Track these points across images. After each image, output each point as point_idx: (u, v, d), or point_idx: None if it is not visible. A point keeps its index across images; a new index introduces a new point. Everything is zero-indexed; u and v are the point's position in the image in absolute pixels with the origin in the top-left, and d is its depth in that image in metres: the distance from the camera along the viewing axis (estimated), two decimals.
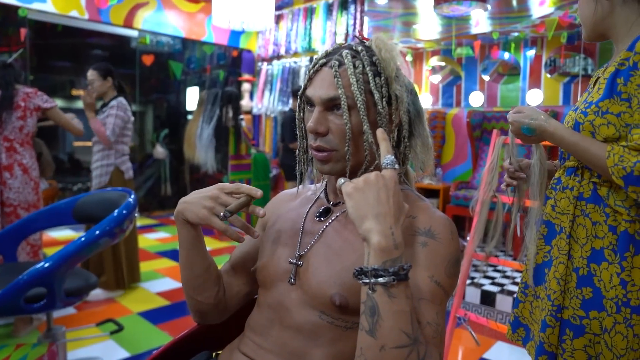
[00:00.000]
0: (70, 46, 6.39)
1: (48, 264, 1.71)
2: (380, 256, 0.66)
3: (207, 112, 4.54)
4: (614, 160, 0.97)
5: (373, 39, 0.88)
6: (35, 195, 2.60)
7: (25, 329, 2.45)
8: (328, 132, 0.84)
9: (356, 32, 0.94)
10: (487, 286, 2.84)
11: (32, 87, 2.66)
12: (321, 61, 0.86)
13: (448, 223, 0.83)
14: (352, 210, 0.69)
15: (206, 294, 0.97)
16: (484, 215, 2.05)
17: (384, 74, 0.84)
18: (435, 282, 0.76)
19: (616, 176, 0.96)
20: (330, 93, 0.82)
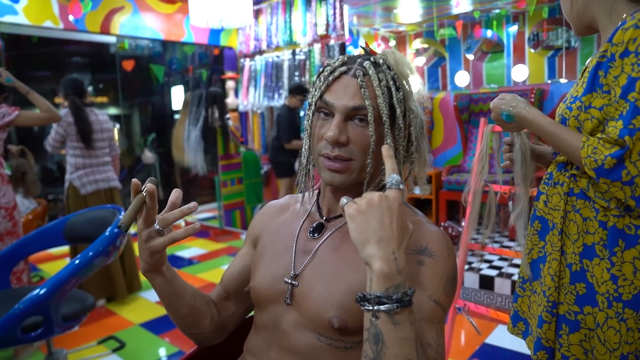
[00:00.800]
0: (48, 56, 6.29)
1: (43, 291, 1.69)
2: (383, 282, 0.64)
3: (193, 114, 4.50)
4: (587, 151, 0.97)
5: (389, 55, 0.85)
6: (9, 221, 2.49)
7: (27, 351, 2.43)
8: (348, 142, 0.81)
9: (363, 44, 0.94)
10: (485, 270, 2.86)
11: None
12: (341, 69, 0.83)
13: (444, 239, 0.82)
14: (355, 233, 0.66)
15: (200, 326, 0.96)
16: (477, 205, 2.05)
17: (402, 89, 0.84)
18: (434, 301, 0.76)
19: (588, 167, 0.96)
20: (357, 102, 0.80)
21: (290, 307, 0.86)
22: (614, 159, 0.93)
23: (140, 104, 7.04)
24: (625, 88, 0.94)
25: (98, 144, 3.04)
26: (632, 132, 0.92)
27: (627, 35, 0.94)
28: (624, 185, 0.94)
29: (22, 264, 2.53)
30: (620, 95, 0.95)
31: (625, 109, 0.94)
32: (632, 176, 0.93)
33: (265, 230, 0.99)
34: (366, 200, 0.67)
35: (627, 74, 0.94)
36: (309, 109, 0.87)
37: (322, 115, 0.84)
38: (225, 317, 1.00)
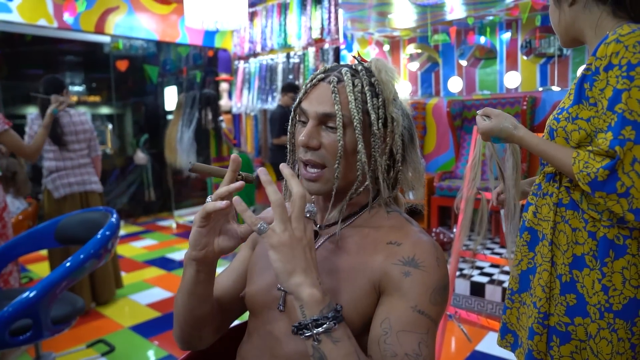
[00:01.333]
0: (41, 54, 6.24)
1: (33, 294, 1.67)
2: (316, 306, 0.68)
3: (186, 116, 4.48)
4: (579, 166, 0.97)
5: (373, 61, 0.87)
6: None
7: (13, 354, 2.40)
8: (320, 147, 0.82)
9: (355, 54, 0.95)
10: (477, 277, 2.87)
11: None
12: (319, 76, 0.85)
13: (434, 250, 0.81)
14: (280, 264, 0.69)
15: (201, 330, 0.95)
16: (469, 212, 2.06)
17: (382, 95, 0.84)
18: (419, 311, 0.75)
19: (582, 182, 0.97)
20: (327, 109, 0.81)
21: (283, 314, 0.86)
22: (606, 170, 0.94)
23: (134, 104, 7.00)
24: (611, 100, 0.96)
25: (73, 146, 2.97)
26: (622, 143, 0.93)
27: (609, 49, 0.96)
28: (620, 197, 0.93)
29: (11, 266, 2.50)
30: (608, 107, 0.96)
31: (614, 120, 0.95)
32: (626, 187, 0.93)
33: (260, 238, 0.99)
34: (289, 236, 0.69)
35: (612, 86, 0.96)
36: (293, 117, 0.89)
37: (302, 123, 0.86)
38: (220, 322, 1.00)
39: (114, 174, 6.74)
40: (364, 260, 0.82)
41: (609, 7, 1.05)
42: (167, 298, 3.19)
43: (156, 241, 4.92)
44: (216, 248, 0.81)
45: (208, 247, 0.80)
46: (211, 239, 0.81)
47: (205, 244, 0.80)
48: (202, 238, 0.80)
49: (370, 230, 0.86)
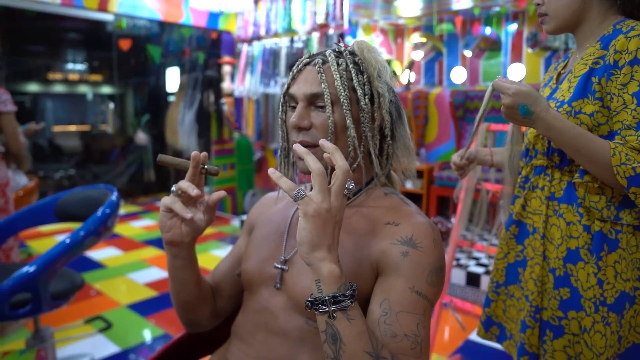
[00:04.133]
0: (43, 30, 6.19)
1: (33, 269, 1.69)
2: (335, 283, 0.68)
3: (188, 97, 4.48)
4: (621, 158, 0.91)
5: (355, 43, 0.90)
6: (1, 198, 2.47)
7: (12, 328, 2.43)
8: (311, 127, 0.84)
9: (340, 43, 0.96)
10: (472, 267, 2.89)
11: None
12: (305, 61, 0.87)
13: (431, 230, 0.83)
14: (307, 233, 0.68)
15: (197, 312, 0.97)
16: (468, 202, 2.07)
17: (366, 72, 0.86)
18: (417, 292, 0.77)
19: (621, 176, 0.91)
20: (314, 89, 0.83)
21: (280, 291, 0.87)
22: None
23: (136, 84, 6.97)
24: (638, 95, 0.94)
25: None
26: None
27: (632, 44, 0.95)
28: None
29: (12, 241, 2.51)
30: (638, 103, 0.93)
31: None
32: None
33: (260, 219, 1.01)
34: (326, 209, 0.69)
35: (637, 81, 0.94)
36: (282, 103, 0.90)
37: (292, 107, 0.88)
38: (219, 307, 1.02)
39: (114, 153, 6.74)
40: (362, 240, 0.83)
41: (619, 1, 1.04)
42: (165, 278, 3.21)
43: (155, 221, 4.94)
44: (183, 230, 0.85)
45: (174, 230, 0.84)
46: (177, 222, 0.84)
47: (170, 226, 0.84)
48: (167, 221, 0.84)
49: (369, 211, 0.87)
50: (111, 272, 3.40)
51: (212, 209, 0.84)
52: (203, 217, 0.85)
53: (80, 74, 7.26)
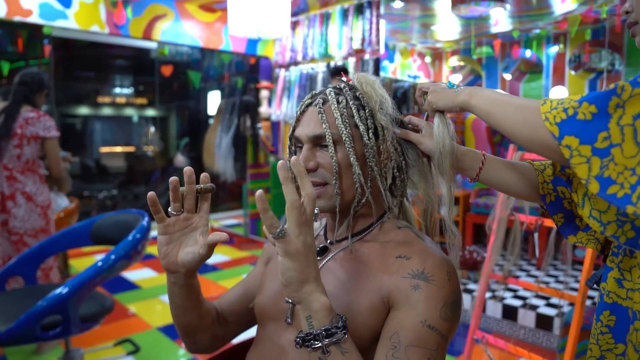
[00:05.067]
0: (93, 58, 6.56)
1: (66, 290, 1.74)
2: (327, 316, 0.68)
3: (226, 122, 4.57)
4: (552, 104, 0.69)
5: (355, 77, 0.90)
6: (43, 219, 2.58)
7: (48, 346, 2.50)
8: (318, 167, 0.84)
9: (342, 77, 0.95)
10: (509, 300, 2.77)
11: (38, 111, 2.52)
12: (307, 102, 0.88)
13: (444, 264, 0.80)
14: (295, 273, 0.67)
15: (196, 338, 0.97)
16: (501, 233, 2.00)
17: (367, 106, 0.86)
18: (429, 326, 0.74)
19: (551, 122, 0.67)
20: (316, 130, 0.84)
21: (291, 326, 0.86)
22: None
23: (177, 108, 7.21)
24: None
25: None
26: None
27: None
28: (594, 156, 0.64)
29: (51, 261, 2.61)
30: None
31: None
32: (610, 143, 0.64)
33: (274, 252, 1.01)
34: (302, 243, 0.67)
35: None
36: (290, 145, 0.91)
37: (299, 149, 0.88)
38: (223, 333, 1.01)
39: (154, 175, 6.95)
40: (374, 274, 0.82)
41: None
42: None
43: None
44: (178, 260, 0.82)
45: (169, 258, 0.82)
46: (173, 250, 0.82)
47: (165, 253, 0.82)
48: (162, 246, 0.82)
49: (380, 245, 0.86)
50: (145, 293, 3.46)
51: (211, 247, 0.81)
52: (197, 251, 0.81)
53: (126, 97, 7.60)
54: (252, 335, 1.04)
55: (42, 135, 2.51)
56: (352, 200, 0.86)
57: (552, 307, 2.63)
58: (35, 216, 2.55)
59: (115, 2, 4.24)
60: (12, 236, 2.51)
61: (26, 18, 3.86)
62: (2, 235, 2.51)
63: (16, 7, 3.80)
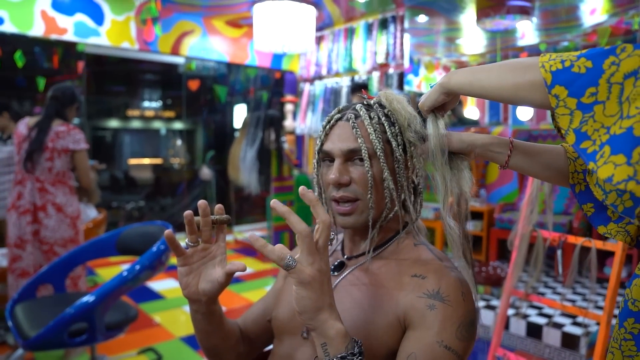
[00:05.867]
0: (123, 73, 6.77)
1: (92, 299, 1.79)
2: (342, 342, 0.67)
3: (250, 135, 4.64)
4: (550, 56, 0.68)
5: (381, 94, 0.90)
6: (72, 229, 2.65)
7: (75, 352, 2.56)
8: (350, 182, 0.85)
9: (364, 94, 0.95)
10: (534, 317, 2.71)
11: (68, 125, 2.62)
12: (336, 116, 0.89)
13: (459, 284, 0.80)
14: (310, 301, 0.67)
15: (225, 357, 0.98)
16: (524, 249, 1.97)
17: (397, 123, 0.87)
18: (445, 346, 0.74)
19: (546, 69, 0.66)
20: (351, 145, 0.84)
21: (307, 340, 0.87)
22: None
23: (203, 121, 7.36)
24: None
25: None
26: None
27: None
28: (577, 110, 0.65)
29: (80, 270, 2.69)
30: None
31: None
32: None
33: None
34: (317, 270, 0.67)
35: None
36: (317, 159, 0.91)
37: (327, 163, 0.88)
38: (248, 350, 1.03)
39: (180, 187, 7.08)
40: (389, 293, 0.82)
41: None
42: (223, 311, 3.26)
43: None
44: (199, 289, 0.83)
45: (190, 288, 0.83)
46: (193, 280, 0.83)
47: (186, 283, 0.83)
48: (183, 277, 0.83)
49: (397, 262, 0.86)
50: (170, 303, 3.51)
51: (229, 276, 0.82)
52: (217, 280, 0.82)
53: (155, 111, 7.79)
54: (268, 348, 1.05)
55: (72, 148, 2.60)
56: (380, 214, 0.87)
57: (579, 326, 2.56)
58: (65, 227, 2.63)
59: (145, 20, 4.38)
60: (42, 245, 2.59)
61: (62, 36, 4.03)
62: (34, 245, 2.60)
63: (53, 25, 3.97)
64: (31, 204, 2.57)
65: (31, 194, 2.58)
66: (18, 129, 2.69)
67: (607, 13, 4.02)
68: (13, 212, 2.60)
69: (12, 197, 2.63)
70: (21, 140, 2.62)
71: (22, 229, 2.58)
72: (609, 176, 0.60)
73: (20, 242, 2.58)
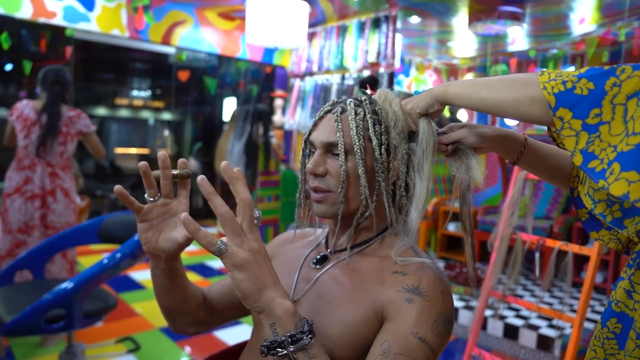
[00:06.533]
0: (113, 60, 6.69)
1: (71, 286, 1.78)
2: (291, 320, 0.67)
3: (239, 129, 4.63)
4: (550, 76, 0.69)
5: (378, 91, 0.91)
6: (74, 215, 2.71)
7: (53, 339, 2.54)
8: (326, 174, 0.86)
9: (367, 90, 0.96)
10: (511, 319, 2.75)
11: (76, 110, 2.72)
12: (326, 109, 0.90)
13: (439, 282, 0.81)
14: (249, 283, 0.65)
15: (176, 320, 0.98)
16: (503, 251, 2.00)
17: (384, 122, 0.86)
18: (420, 338, 0.75)
19: (549, 92, 0.68)
20: (330, 138, 0.85)
21: None
22: None
23: (192, 113, 7.32)
24: None
25: None
26: None
27: None
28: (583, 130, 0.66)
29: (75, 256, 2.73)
30: None
31: None
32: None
33: (275, 255, 1.03)
34: (248, 250, 0.66)
35: None
36: (303, 148, 0.93)
37: (312, 153, 0.90)
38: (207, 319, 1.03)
39: None
40: (369, 288, 0.82)
41: None
42: None
43: (198, 247, 5.06)
44: (159, 246, 0.81)
45: (150, 244, 0.81)
46: (154, 237, 0.81)
47: (146, 239, 0.81)
48: (142, 233, 0.81)
49: (379, 260, 0.87)
50: (151, 293, 3.49)
51: (190, 239, 0.80)
52: (178, 240, 0.81)
53: (143, 100, 7.72)
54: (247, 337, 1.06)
55: (85, 131, 2.72)
56: (356, 212, 0.87)
57: (554, 328, 2.61)
58: (70, 212, 2.69)
59: (136, 8, 4.34)
60: (48, 230, 2.62)
61: (50, 20, 3.98)
62: (40, 230, 2.60)
63: (41, 9, 3.91)
64: (40, 189, 2.58)
65: (41, 179, 2.59)
66: (23, 112, 2.65)
67: (596, 23, 4.08)
68: (17, 197, 2.58)
69: (15, 182, 2.61)
70: (29, 124, 2.60)
71: (28, 214, 2.59)
72: (624, 193, 0.60)
73: (26, 228, 2.59)
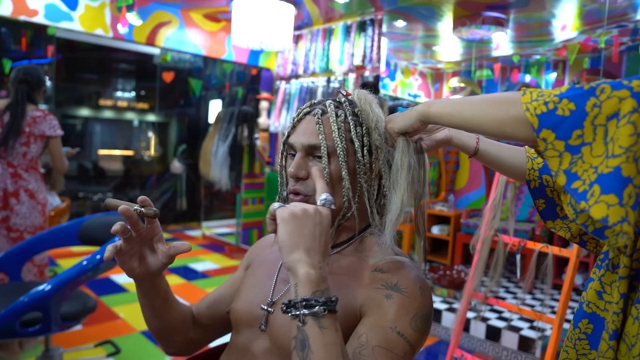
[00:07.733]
0: (96, 60, 6.61)
1: (49, 287, 1.74)
2: (309, 287, 0.67)
3: (223, 130, 4.60)
4: (532, 96, 0.70)
5: (355, 93, 0.91)
6: (42, 217, 2.61)
7: (30, 343, 2.49)
8: (308, 177, 0.85)
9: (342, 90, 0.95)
10: (493, 320, 2.77)
11: (43, 110, 2.58)
12: (305, 110, 0.89)
13: (418, 280, 0.81)
14: (285, 236, 0.69)
15: (169, 340, 0.98)
16: (485, 253, 2.01)
17: (365, 124, 0.86)
18: (398, 332, 0.75)
19: (532, 113, 0.68)
20: (312, 140, 0.84)
21: (264, 333, 0.87)
22: None
23: (177, 115, 7.26)
24: None
25: None
26: None
27: None
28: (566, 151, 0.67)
29: (46, 259, 2.63)
30: None
31: None
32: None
33: (256, 258, 1.02)
34: (301, 208, 0.71)
35: None
36: (282, 151, 0.92)
37: (291, 155, 0.89)
38: (199, 337, 1.02)
39: (150, 179, 6.97)
40: (348, 287, 0.83)
41: None
42: None
43: None
44: (137, 269, 0.82)
45: (134, 271, 0.82)
46: (135, 263, 0.82)
47: (130, 268, 0.82)
48: (124, 264, 0.82)
49: (358, 259, 0.87)
50: (133, 296, 3.45)
51: (172, 257, 0.82)
52: (159, 260, 0.82)
53: (128, 101, 7.64)
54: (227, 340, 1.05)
55: (48, 134, 2.55)
56: (338, 213, 0.87)
57: (536, 330, 2.63)
58: (36, 214, 2.58)
59: (120, 7, 4.30)
60: (11, 233, 2.52)
61: (31, 18, 3.91)
62: (1, 233, 2.52)
63: (22, 6, 3.85)
64: (2, 190, 2.50)
65: (2, 180, 2.51)
66: None
67: (577, 30, 4.15)
68: None
69: None
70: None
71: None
72: (603, 216, 0.60)
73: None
